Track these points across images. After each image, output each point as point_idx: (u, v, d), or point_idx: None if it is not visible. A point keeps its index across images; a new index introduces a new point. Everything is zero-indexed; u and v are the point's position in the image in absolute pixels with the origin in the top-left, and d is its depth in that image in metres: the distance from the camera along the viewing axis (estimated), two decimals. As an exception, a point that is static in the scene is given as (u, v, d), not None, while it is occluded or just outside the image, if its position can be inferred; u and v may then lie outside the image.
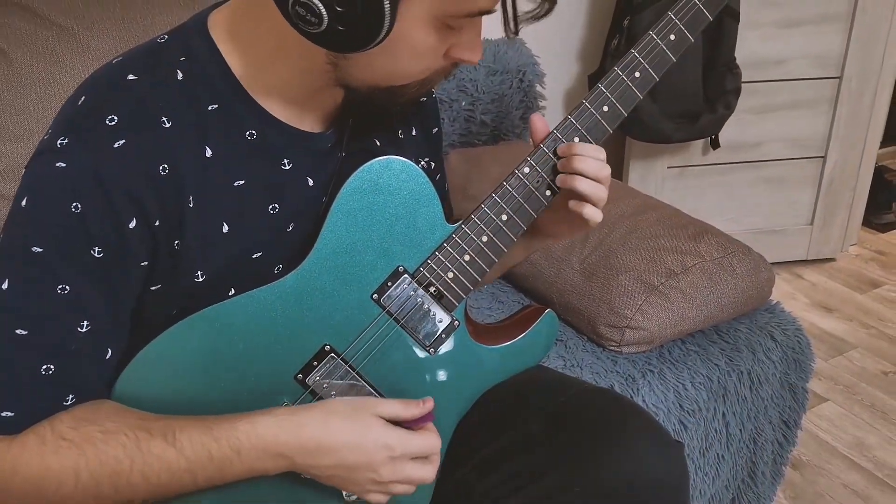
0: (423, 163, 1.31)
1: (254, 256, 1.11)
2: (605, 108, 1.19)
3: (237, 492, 1.09)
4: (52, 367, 0.98)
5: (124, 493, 0.99)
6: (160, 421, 1.01)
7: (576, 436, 1.21)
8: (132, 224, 0.99)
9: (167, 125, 1.01)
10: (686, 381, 1.80)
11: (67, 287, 0.98)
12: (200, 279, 1.07)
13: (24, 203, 0.98)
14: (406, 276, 1.16)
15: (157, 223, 1.01)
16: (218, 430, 1.00)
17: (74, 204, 0.96)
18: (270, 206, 1.11)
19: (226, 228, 1.07)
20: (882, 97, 3.25)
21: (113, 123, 0.98)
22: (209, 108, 1.05)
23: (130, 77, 1.03)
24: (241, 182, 1.08)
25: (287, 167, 1.12)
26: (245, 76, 1.07)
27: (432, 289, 1.17)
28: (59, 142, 0.98)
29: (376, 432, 1.06)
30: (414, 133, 1.31)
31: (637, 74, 1.19)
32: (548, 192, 1.19)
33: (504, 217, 1.18)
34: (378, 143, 1.22)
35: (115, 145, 0.98)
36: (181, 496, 1.03)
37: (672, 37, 1.19)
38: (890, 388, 2.80)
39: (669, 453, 1.22)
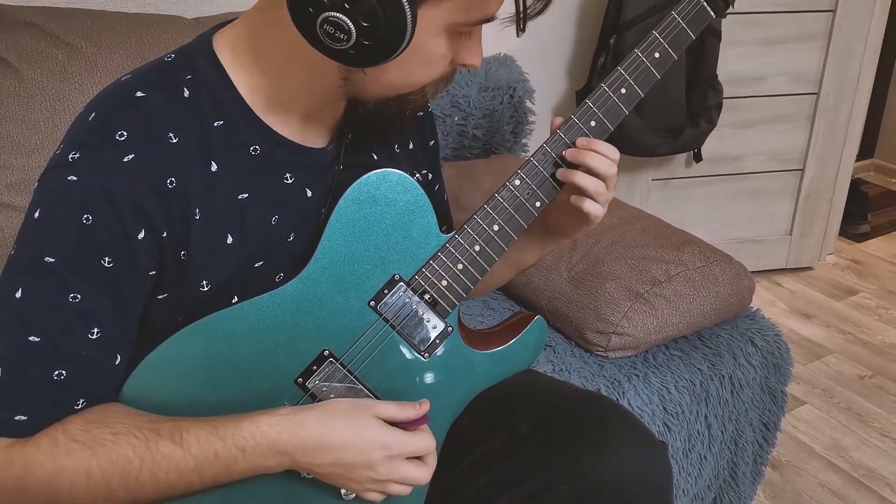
0: (418, 175, 1.32)
1: (256, 265, 1.11)
2: (593, 123, 1.20)
3: (238, 492, 1.10)
4: (63, 372, 0.99)
5: (134, 491, 0.99)
6: (168, 422, 1.02)
7: (564, 437, 1.22)
8: (141, 235, 1.00)
9: (174, 141, 1.02)
10: (670, 385, 1.80)
11: (78, 296, 0.98)
12: (206, 288, 1.07)
13: (36, 215, 0.99)
14: (402, 283, 1.16)
15: (164, 234, 1.02)
16: (223, 429, 1.01)
17: (85, 216, 0.97)
18: (272, 218, 1.11)
19: (230, 239, 1.07)
20: (858, 112, 3.26)
21: (122, 139, 0.99)
22: (214, 124, 1.06)
23: (139, 94, 1.03)
24: (245, 195, 1.08)
25: (289, 181, 1.12)
26: (249, 93, 1.08)
27: (427, 296, 1.18)
28: (70, 156, 0.98)
29: (374, 432, 1.07)
30: (411, 147, 1.32)
31: (623, 91, 1.20)
32: (538, 204, 1.20)
33: (496, 227, 1.18)
34: (375, 158, 1.23)
35: (125, 160, 0.98)
36: (188, 494, 1.04)
37: (657, 55, 1.20)
38: (865, 392, 2.81)
39: (654, 454, 1.22)
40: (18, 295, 0.98)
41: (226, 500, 1.11)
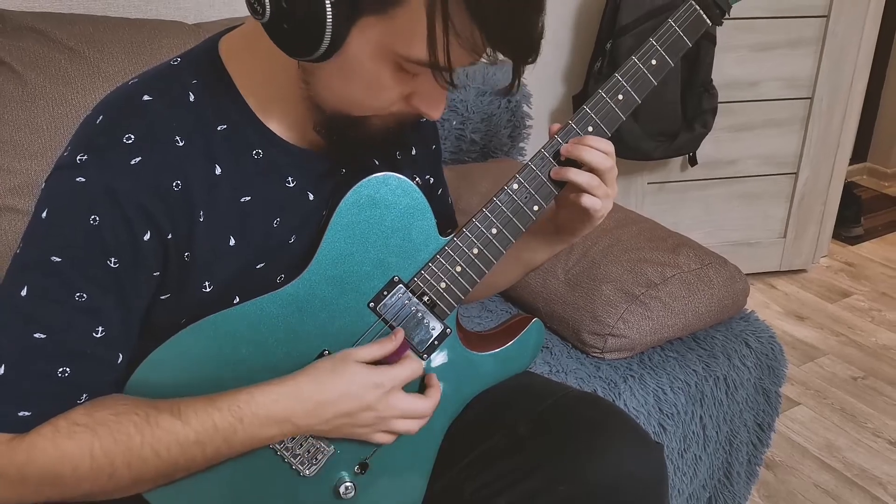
0: (418, 179, 1.32)
1: (257, 267, 1.12)
2: (590, 129, 1.20)
3: (243, 496, 1.11)
4: (67, 369, 0.99)
5: (137, 469, 0.99)
6: (168, 400, 1.02)
7: (561, 438, 1.22)
8: (146, 236, 1.00)
9: (180, 144, 1.02)
10: (665, 386, 1.81)
11: (84, 295, 0.98)
12: (208, 289, 1.08)
13: (44, 215, 0.99)
14: (401, 285, 1.16)
15: (169, 236, 1.02)
16: (220, 401, 1.02)
17: (92, 217, 0.97)
18: (274, 220, 1.12)
19: (232, 241, 1.08)
20: (851, 117, 3.27)
21: (129, 142, 0.99)
22: (218, 128, 1.06)
23: (146, 98, 1.04)
24: (248, 198, 1.09)
25: (291, 184, 1.13)
26: (252, 98, 1.08)
27: (426, 298, 1.18)
28: (78, 158, 0.99)
29: (362, 375, 1.09)
30: (413, 153, 1.32)
31: (620, 97, 1.20)
32: (535, 208, 1.20)
33: (494, 230, 1.18)
34: (376, 163, 1.23)
35: (131, 162, 0.99)
36: (192, 472, 1.04)
37: (653, 62, 1.21)
38: (858, 393, 2.81)
39: (649, 454, 1.23)
40: (24, 293, 0.98)
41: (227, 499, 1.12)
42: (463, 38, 0.92)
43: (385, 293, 1.16)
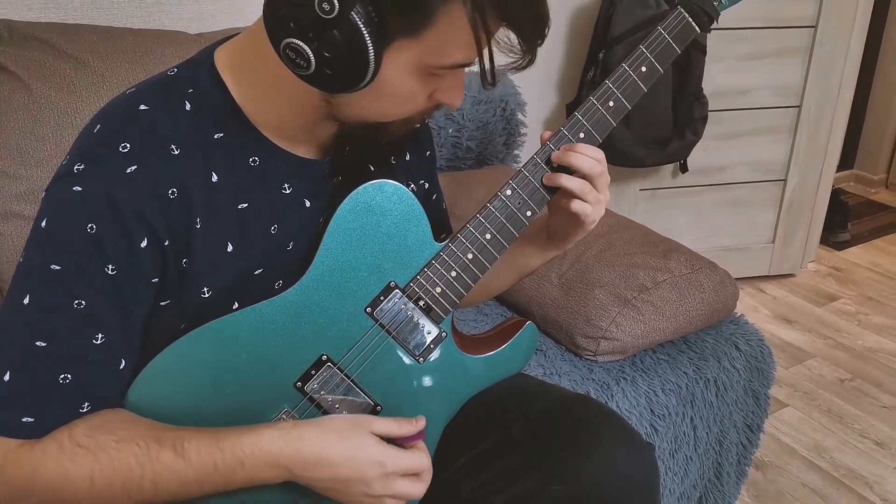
0: (413, 185, 1.31)
1: (255, 273, 1.11)
2: (582, 135, 1.19)
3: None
4: (69, 376, 0.98)
5: (135, 497, 0.99)
6: (170, 432, 1.01)
7: (555, 439, 1.22)
8: (144, 244, 0.99)
9: (176, 152, 1.02)
10: (657, 388, 1.80)
11: (83, 302, 0.98)
12: (206, 294, 1.07)
13: (43, 224, 0.99)
14: (397, 290, 1.16)
15: (166, 243, 1.01)
16: (224, 441, 1.00)
17: (90, 225, 0.96)
18: (271, 227, 1.11)
19: (230, 248, 1.07)
20: (838, 125, 3.27)
21: (126, 150, 0.99)
22: (215, 136, 1.06)
23: (142, 107, 1.03)
24: (245, 205, 1.08)
25: (287, 191, 1.12)
26: (247, 107, 1.08)
27: (421, 303, 1.17)
28: (76, 167, 0.98)
29: (370, 449, 1.06)
30: (408, 158, 1.31)
31: (611, 104, 1.20)
32: (528, 213, 1.19)
33: (488, 236, 1.18)
34: (372, 169, 1.23)
35: (128, 170, 0.98)
36: (188, 500, 1.03)
37: (643, 68, 1.20)
38: (846, 395, 2.81)
39: (641, 454, 1.22)
40: (26, 301, 0.98)
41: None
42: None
43: (382, 298, 1.15)
